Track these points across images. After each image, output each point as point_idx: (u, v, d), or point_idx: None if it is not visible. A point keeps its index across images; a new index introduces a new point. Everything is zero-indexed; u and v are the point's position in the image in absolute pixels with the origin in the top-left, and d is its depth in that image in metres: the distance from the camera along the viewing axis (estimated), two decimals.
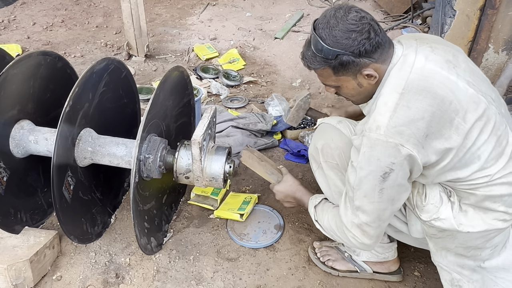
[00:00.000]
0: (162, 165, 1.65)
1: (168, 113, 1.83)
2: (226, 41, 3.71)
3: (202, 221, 1.91)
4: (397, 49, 1.26)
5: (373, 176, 1.20)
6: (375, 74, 1.24)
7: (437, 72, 1.21)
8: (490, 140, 1.22)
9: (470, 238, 1.32)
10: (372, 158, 1.19)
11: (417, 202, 1.34)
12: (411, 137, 1.15)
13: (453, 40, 2.73)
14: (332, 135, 1.45)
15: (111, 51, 3.49)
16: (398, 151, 1.16)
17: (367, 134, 1.19)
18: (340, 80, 1.27)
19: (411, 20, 3.68)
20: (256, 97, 2.94)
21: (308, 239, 1.83)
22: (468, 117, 1.19)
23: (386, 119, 1.16)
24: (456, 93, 1.19)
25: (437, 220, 1.32)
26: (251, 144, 2.32)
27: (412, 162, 1.18)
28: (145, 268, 1.68)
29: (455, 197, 1.32)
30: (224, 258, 1.74)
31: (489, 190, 1.25)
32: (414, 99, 1.17)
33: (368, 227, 1.29)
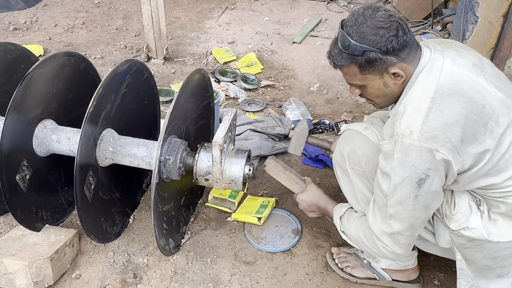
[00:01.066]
0: (182, 167, 1.66)
1: (188, 115, 1.84)
2: (244, 45, 3.73)
3: (220, 224, 1.92)
4: (425, 52, 1.25)
5: (408, 182, 1.18)
6: (401, 74, 1.22)
7: (467, 76, 1.20)
8: None
9: (499, 248, 1.29)
10: (407, 164, 1.16)
11: (446, 211, 1.31)
12: (446, 142, 1.13)
13: (475, 47, 2.69)
14: (359, 141, 1.43)
15: (131, 53, 3.53)
16: (433, 156, 1.14)
17: (400, 139, 1.17)
18: (366, 79, 1.26)
19: (431, 26, 3.65)
20: (274, 101, 2.94)
21: (326, 245, 1.81)
22: (500, 121, 1.17)
23: (419, 124, 1.14)
24: (487, 98, 1.18)
25: (466, 230, 1.29)
26: (269, 148, 2.31)
27: (447, 168, 1.16)
28: (162, 269, 1.69)
29: (485, 206, 1.29)
30: (242, 261, 1.73)
31: None
32: (447, 103, 1.15)
33: (400, 236, 1.26)
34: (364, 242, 1.37)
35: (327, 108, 2.84)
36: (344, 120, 2.62)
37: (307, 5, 4.65)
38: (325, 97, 2.98)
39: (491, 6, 2.52)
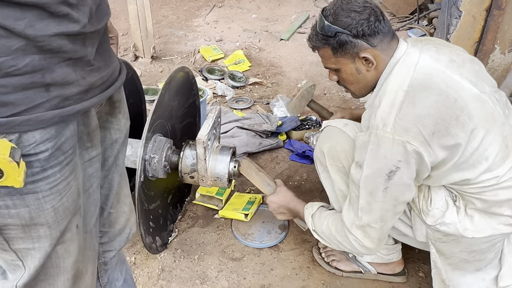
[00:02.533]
0: (167, 165, 1.67)
1: (173, 113, 1.85)
2: (232, 43, 3.73)
3: (207, 221, 1.93)
4: (401, 45, 1.28)
5: (379, 174, 1.20)
6: (372, 60, 1.26)
7: (441, 71, 1.22)
8: (496, 140, 1.22)
9: (475, 242, 1.32)
10: (379, 156, 1.19)
11: (423, 207, 1.34)
12: (417, 134, 1.15)
13: (459, 41, 2.72)
14: (338, 138, 1.46)
15: (118, 53, 3.51)
16: (405, 148, 1.16)
17: (374, 131, 1.19)
18: (339, 62, 1.30)
19: (417, 22, 3.67)
20: (262, 98, 2.95)
21: (313, 239, 1.83)
22: (473, 115, 1.19)
23: (392, 117, 1.17)
24: (460, 92, 1.20)
25: (442, 225, 1.31)
26: (256, 145, 2.33)
27: (419, 160, 1.18)
28: (150, 267, 1.70)
29: (461, 202, 1.31)
30: (229, 258, 1.75)
31: (495, 194, 1.25)
32: (420, 96, 1.17)
33: (370, 228, 1.29)
34: (336, 238, 1.38)
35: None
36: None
37: (295, 2, 4.66)
38: None
39: (474, 0, 2.55)
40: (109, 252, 1.03)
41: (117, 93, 0.90)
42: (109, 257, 1.04)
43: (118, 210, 1.00)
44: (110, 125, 0.91)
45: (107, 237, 1.02)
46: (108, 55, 0.80)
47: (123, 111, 0.93)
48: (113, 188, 0.96)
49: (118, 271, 1.10)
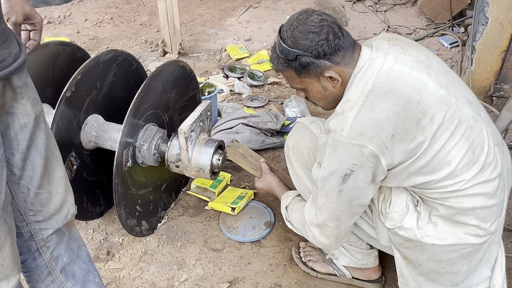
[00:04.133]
0: (157, 153, 1.75)
1: (171, 105, 1.93)
2: (260, 43, 3.78)
3: (197, 211, 1.99)
4: (363, 53, 1.25)
5: (334, 176, 1.20)
6: (337, 77, 1.24)
7: (406, 73, 1.18)
8: (461, 145, 1.17)
9: (439, 251, 1.27)
10: (334, 159, 1.19)
11: (382, 209, 1.31)
12: (374, 137, 1.14)
13: (486, 49, 2.60)
14: (303, 134, 1.47)
15: (149, 48, 3.69)
16: (360, 152, 1.15)
17: (332, 134, 1.19)
18: (304, 82, 1.28)
19: (451, 28, 3.52)
20: (278, 98, 2.97)
21: (296, 239, 1.84)
22: (436, 118, 1.16)
23: (349, 121, 1.16)
24: (423, 94, 1.16)
25: (401, 229, 1.28)
26: (259, 143, 2.36)
27: (375, 163, 1.16)
28: (134, 249, 1.79)
29: (422, 207, 1.28)
30: (210, 248, 1.80)
31: (460, 201, 1.20)
32: (379, 100, 1.15)
33: (326, 227, 1.30)
34: (302, 232, 1.42)
35: None
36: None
37: None
38: None
39: (502, 6, 2.41)
40: (46, 230, 1.11)
41: (17, 78, 0.93)
42: (46, 234, 1.11)
43: (50, 191, 1.07)
44: (16, 110, 0.95)
45: (41, 216, 1.08)
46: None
47: (27, 97, 0.96)
48: (36, 169, 1.01)
49: (64, 248, 1.18)
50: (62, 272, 1.19)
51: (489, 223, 1.22)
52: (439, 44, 3.46)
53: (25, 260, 1.14)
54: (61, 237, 1.16)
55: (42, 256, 1.14)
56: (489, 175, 1.19)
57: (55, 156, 1.08)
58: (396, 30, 3.90)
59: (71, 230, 1.20)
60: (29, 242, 1.11)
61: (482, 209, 1.20)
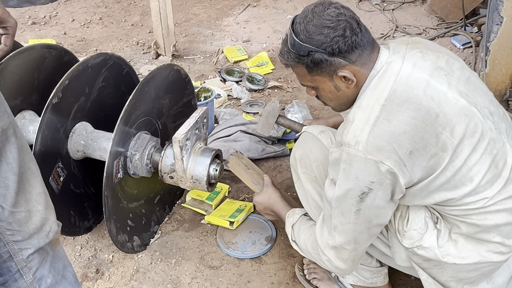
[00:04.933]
0: (150, 163, 1.76)
1: (164, 112, 1.94)
2: (259, 44, 3.81)
3: (193, 226, 1.99)
4: (382, 55, 1.24)
5: (351, 195, 1.19)
6: (352, 78, 1.22)
7: (424, 81, 1.18)
8: (484, 159, 1.18)
9: (460, 270, 1.27)
10: (351, 176, 1.17)
11: (399, 227, 1.31)
12: (391, 153, 1.13)
13: (500, 50, 2.62)
14: (311, 145, 1.45)
15: (141, 50, 3.71)
16: (377, 169, 1.14)
17: (346, 149, 1.17)
18: (316, 80, 1.27)
19: (464, 28, 3.55)
20: (279, 103, 2.98)
21: (299, 255, 1.81)
22: (456, 131, 1.15)
23: (365, 134, 1.15)
24: (443, 106, 1.16)
25: (420, 248, 1.28)
26: (259, 151, 2.37)
27: (394, 181, 1.16)
28: (125, 267, 1.79)
29: (442, 225, 1.28)
30: (207, 265, 1.80)
31: (483, 218, 1.20)
32: (395, 111, 1.15)
33: (343, 250, 1.28)
34: (312, 255, 1.40)
35: (334, 113, 2.84)
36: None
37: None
38: None
39: None
40: (26, 250, 1.09)
41: None
42: (27, 253, 1.09)
43: (29, 210, 1.05)
44: None
45: (20, 236, 1.06)
46: None
47: None
48: (10, 187, 0.99)
49: (48, 268, 1.15)
50: None
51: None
52: (450, 45, 3.48)
53: (5, 282, 1.12)
54: (45, 256, 1.14)
55: (24, 278, 1.12)
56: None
57: (31, 171, 1.05)
58: (404, 30, 3.93)
59: (55, 248, 1.18)
60: (9, 263, 1.09)
61: (506, 226, 1.20)
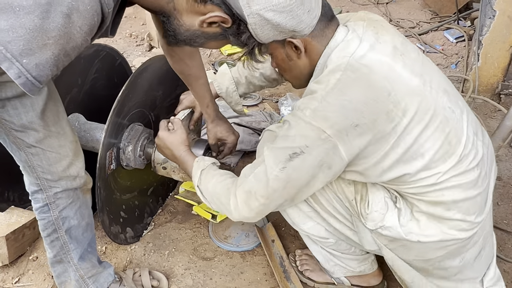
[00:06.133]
0: (143, 155, 1.76)
1: (157, 103, 1.94)
2: None
3: (186, 217, 2.00)
4: (338, 33, 1.25)
5: (283, 151, 1.20)
6: (301, 47, 1.24)
7: (380, 61, 1.19)
8: (436, 136, 1.20)
9: (426, 249, 1.29)
10: (290, 135, 1.20)
11: (361, 210, 1.33)
12: (335, 124, 1.15)
13: (493, 44, 2.63)
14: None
15: (134, 42, 3.70)
16: (317, 135, 1.16)
17: (295, 112, 1.21)
18: (271, 47, 1.30)
19: (457, 22, 3.57)
20: (272, 96, 2.99)
21: (292, 246, 1.86)
22: (408, 109, 1.17)
23: (316, 103, 1.17)
24: (396, 84, 1.17)
25: (383, 229, 1.30)
26: (252, 143, 2.37)
27: (332, 151, 1.17)
28: (118, 258, 1.79)
29: (402, 203, 1.30)
30: (200, 257, 1.81)
31: (440, 195, 1.22)
32: (348, 86, 1.16)
33: (254, 198, 1.25)
34: (219, 197, 1.34)
35: None
36: None
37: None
38: None
39: None
40: (55, 188, 1.31)
41: None
42: (55, 191, 1.31)
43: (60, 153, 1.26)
44: None
45: (49, 175, 1.28)
46: None
47: None
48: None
49: (74, 211, 1.37)
50: (67, 233, 1.38)
51: (474, 215, 1.25)
52: (444, 39, 3.50)
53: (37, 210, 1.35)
54: (74, 200, 1.35)
55: (51, 212, 1.33)
56: (467, 165, 1.22)
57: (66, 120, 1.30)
58: (398, 23, 3.94)
59: (85, 196, 1.41)
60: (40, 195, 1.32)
61: (465, 201, 1.23)
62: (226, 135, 1.74)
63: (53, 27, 0.79)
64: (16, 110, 1.15)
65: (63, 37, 0.81)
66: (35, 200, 1.35)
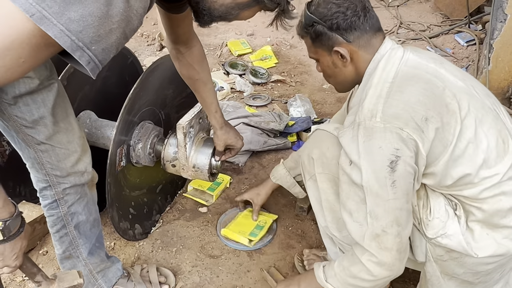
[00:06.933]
0: (152, 153, 1.78)
1: (168, 102, 1.96)
2: (263, 38, 3.82)
3: (194, 215, 2.01)
4: (386, 42, 1.29)
5: (380, 167, 1.15)
6: (347, 56, 1.28)
7: (426, 64, 1.26)
8: (491, 133, 1.20)
9: (480, 262, 1.27)
10: (373, 148, 1.15)
11: (423, 216, 1.30)
12: (409, 120, 1.15)
13: (504, 47, 2.62)
14: (328, 143, 1.42)
15: (145, 42, 3.73)
16: (398, 135, 1.14)
17: (362, 124, 1.18)
18: (318, 53, 1.33)
19: (468, 25, 3.55)
20: (281, 96, 3.00)
21: (299, 246, 1.86)
22: (462, 104, 1.19)
23: (380, 106, 1.17)
24: (447, 83, 1.22)
25: (444, 237, 1.27)
26: (261, 144, 2.38)
27: (415, 148, 1.16)
28: (126, 254, 1.81)
29: (461, 211, 1.28)
30: (207, 254, 1.82)
31: (497, 200, 1.20)
32: (406, 84, 1.20)
33: (385, 236, 1.19)
34: (351, 270, 1.27)
35: (336, 107, 2.86)
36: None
37: None
38: (337, 95, 3.00)
39: None
40: (64, 184, 1.32)
41: None
42: (63, 187, 1.33)
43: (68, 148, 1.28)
44: None
45: (58, 171, 1.30)
46: None
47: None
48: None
49: (83, 207, 1.40)
50: (76, 228, 1.41)
51: None
52: (454, 42, 3.49)
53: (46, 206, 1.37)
54: (82, 196, 1.37)
55: (59, 208, 1.35)
56: None
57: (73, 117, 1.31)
58: (409, 26, 3.93)
59: (92, 192, 1.44)
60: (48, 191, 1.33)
61: None
62: (235, 141, 1.75)
63: (116, 13, 0.81)
64: (28, 106, 1.17)
65: (124, 21, 0.84)
66: (43, 197, 1.36)
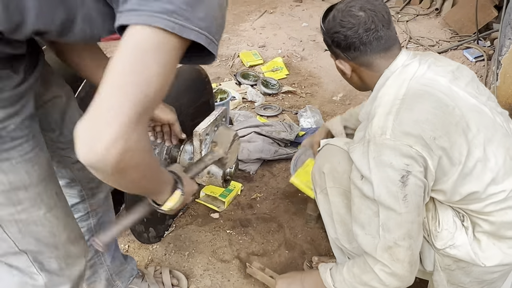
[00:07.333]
0: (168, 158, 1.83)
1: (183, 110, 2.02)
2: (274, 50, 3.89)
3: (206, 221, 2.06)
4: (400, 56, 1.30)
5: (392, 182, 1.17)
6: (346, 72, 1.33)
7: (437, 81, 1.26)
8: (500, 151, 1.23)
9: (486, 271, 1.31)
10: (385, 164, 1.17)
11: (432, 228, 1.34)
12: (418, 138, 1.17)
13: None
14: (339, 158, 1.42)
15: None
16: (408, 152, 1.17)
17: (372, 140, 1.20)
18: (332, 57, 1.38)
19: (477, 41, 3.60)
20: (292, 107, 3.06)
21: (309, 252, 1.90)
22: (472, 124, 1.22)
23: (390, 123, 1.19)
24: (457, 101, 1.23)
25: (452, 248, 1.30)
26: (271, 153, 2.43)
27: (424, 165, 1.19)
28: (140, 256, 1.86)
29: (469, 222, 1.31)
30: (218, 259, 1.86)
31: (503, 213, 1.24)
32: (416, 102, 1.21)
33: (397, 248, 1.22)
34: (361, 278, 1.30)
35: None
36: None
37: None
38: (347, 107, 3.05)
39: None
40: (99, 193, 1.35)
41: None
42: (100, 197, 1.35)
43: None
44: None
45: (94, 183, 1.31)
46: None
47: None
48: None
49: (109, 215, 1.43)
50: None
51: None
52: (463, 58, 3.54)
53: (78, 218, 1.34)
54: (109, 204, 1.39)
55: (91, 220, 1.37)
56: None
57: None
58: (418, 41, 3.99)
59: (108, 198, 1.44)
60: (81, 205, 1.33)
61: None
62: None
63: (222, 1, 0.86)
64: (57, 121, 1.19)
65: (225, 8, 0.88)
66: (75, 210, 1.36)
